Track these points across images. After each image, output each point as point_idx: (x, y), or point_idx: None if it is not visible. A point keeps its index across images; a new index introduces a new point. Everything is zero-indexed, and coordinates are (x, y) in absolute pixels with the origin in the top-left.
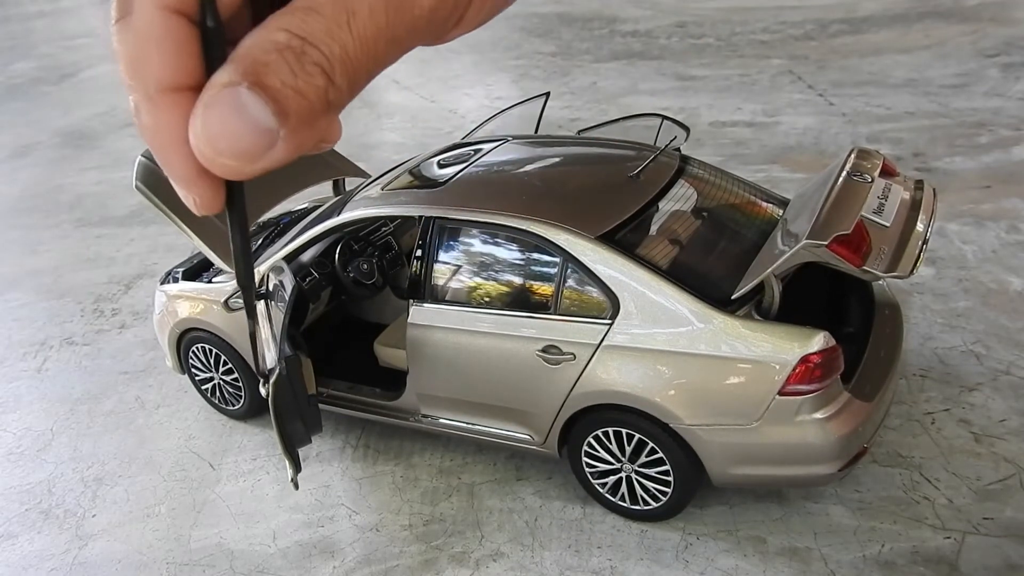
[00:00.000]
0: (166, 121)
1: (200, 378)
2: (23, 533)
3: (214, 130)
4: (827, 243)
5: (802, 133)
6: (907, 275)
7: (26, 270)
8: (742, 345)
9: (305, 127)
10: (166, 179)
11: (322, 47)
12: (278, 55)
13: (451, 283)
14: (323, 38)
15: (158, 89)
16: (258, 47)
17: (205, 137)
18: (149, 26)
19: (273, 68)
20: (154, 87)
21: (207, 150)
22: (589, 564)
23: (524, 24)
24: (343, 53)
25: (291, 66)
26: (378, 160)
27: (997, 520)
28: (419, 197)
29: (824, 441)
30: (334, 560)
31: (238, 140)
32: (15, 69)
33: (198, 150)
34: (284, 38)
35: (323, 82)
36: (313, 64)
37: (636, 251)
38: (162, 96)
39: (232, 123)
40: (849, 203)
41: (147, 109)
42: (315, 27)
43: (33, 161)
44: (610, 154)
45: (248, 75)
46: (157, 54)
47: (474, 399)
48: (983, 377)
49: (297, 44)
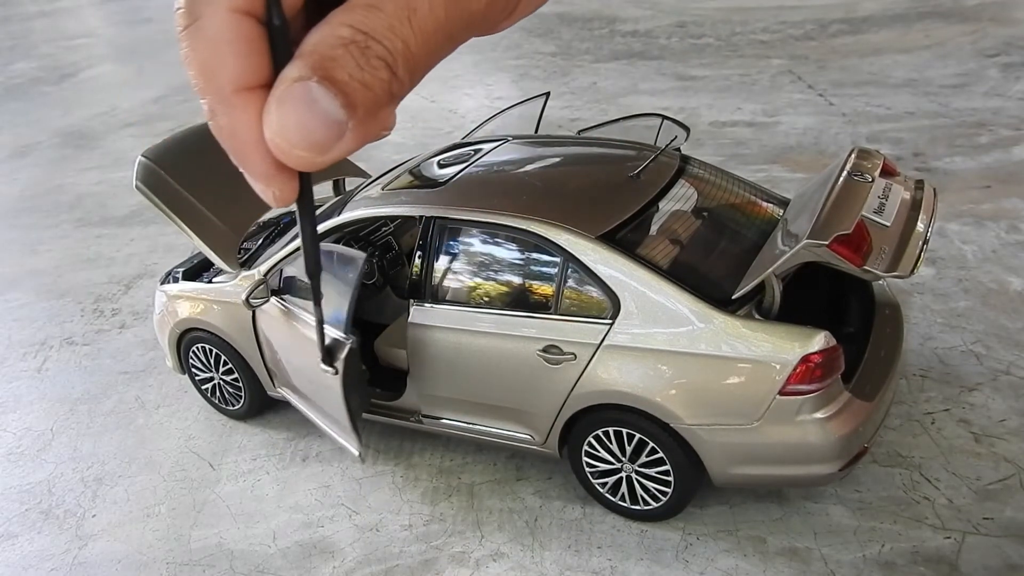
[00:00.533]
0: (243, 120)
1: (200, 378)
2: (23, 533)
3: (289, 124)
4: (828, 243)
5: (802, 133)
6: (908, 275)
7: (26, 270)
8: (743, 345)
9: (370, 118)
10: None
11: (385, 42)
12: (344, 50)
13: (452, 283)
14: (386, 33)
15: (233, 90)
16: (325, 43)
17: (281, 131)
18: (221, 29)
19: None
20: (229, 88)
21: (283, 143)
22: (589, 564)
23: (524, 24)
24: (404, 48)
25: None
26: (378, 160)
27: (997, 520)
28: (419, 197)
29: (825, 441)
30: (334, 560)
31: (311, 132)
32: (15, 69)
33: (274, 144)
34: (348, 33)
35: (387, 75)
36: (377, 58)
37: (637, 251)
38: (237, 96)
39: (304, 116)
40: (850, 203)
41: (223, 111)
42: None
43: (33, 161)
44: (610, 154)
45: (317, 70)
46: (231, 56)
47: (475, 399)
48: (983, 377)
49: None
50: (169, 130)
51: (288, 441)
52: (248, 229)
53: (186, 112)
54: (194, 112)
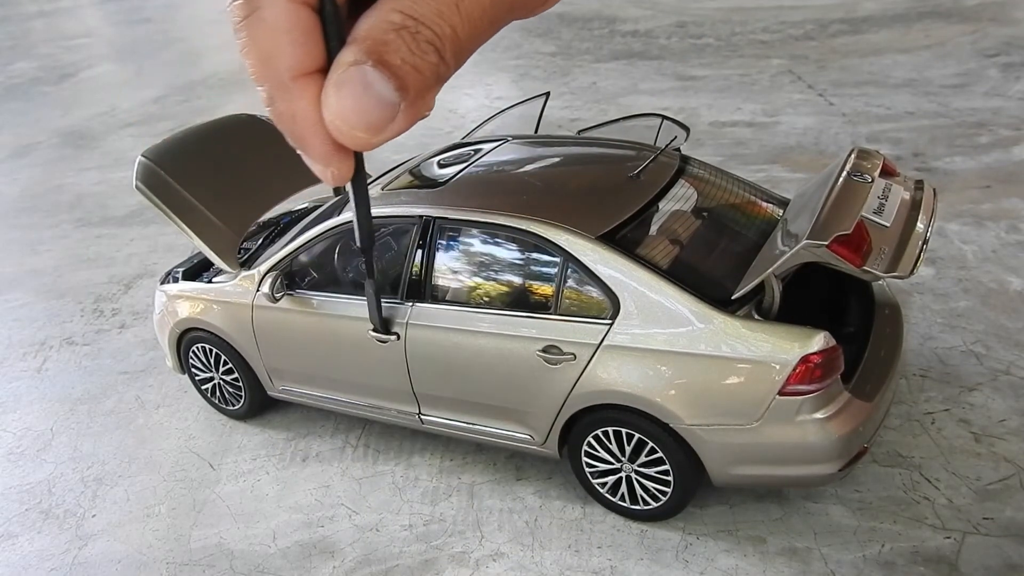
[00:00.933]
0: (301, 105)
1: (200, 378)
2: (23, 533)
3: (346, 106)
4: (827, 243)
5: (802, 133)
6: (907, 275)
7: (26, 270)
8: (742, 345)
9: (420, 100)
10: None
11: (434, 27)
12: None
13: (451, 283)
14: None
15: (291, 76)
16: (378, 28)
17: (339, 113)
18: (280, 18)
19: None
20: (288, 75)
21: (342, 125)
22: (589, 564)
23: (524, 24)
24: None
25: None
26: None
27: (997, 520)
28: (419, 197)
29: (824, 441)
30: (334, 560)
31: (367, 114)
32: (15, 69)
33: (333, 125)
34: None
35: (436, 59)
36: (427, 43)
37: (636, 251)
38: (295, 82)
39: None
40: (849, 203)
41: (282, 97)
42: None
43: (33, 161)
44: (610, 154)
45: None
46: (289, 44)
47: (474, 399)
48: (983, 377)
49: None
50: (169, 130)
51: (288, 441)
52: (248, 229)
53: (186, 112)
54: (194, 112)
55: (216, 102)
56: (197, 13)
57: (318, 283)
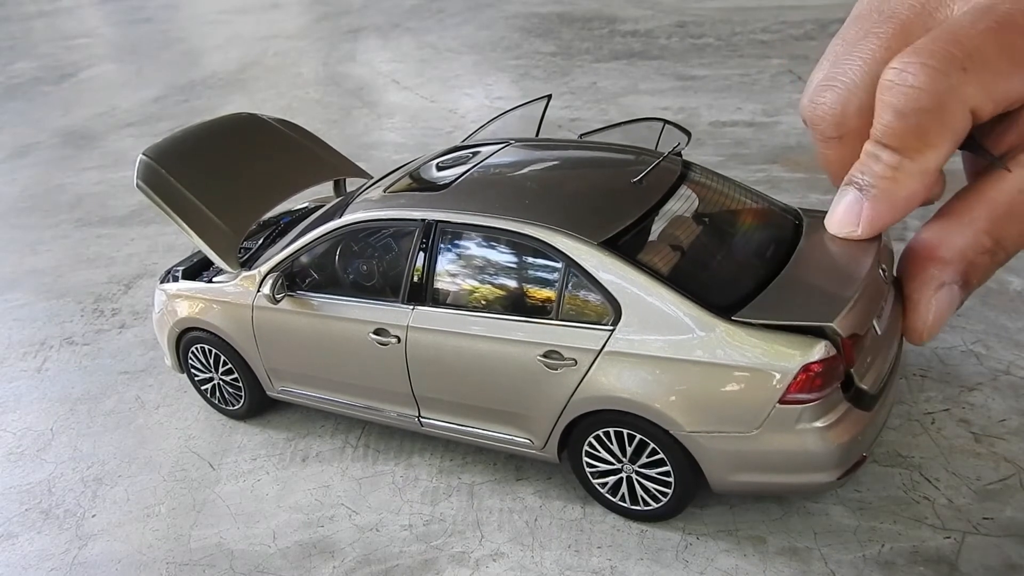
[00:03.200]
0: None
1: (200, 378)
2: (23, 533)
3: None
4: (845, 335)
5: (802, 133)
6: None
7: (26, 270)
8: (743, 353)
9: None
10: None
11: (1011, 250)
12: (982, 258)
13: (452, 287)
14: (1017, 241)
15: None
16: (971, 250)
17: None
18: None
19: (976, 272)
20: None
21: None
22: (589, 564)
23: (524, 24)
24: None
25: (987, 269)
26: (378, 160)
27: (997, 520)
28: (421, 200)
29: (824, 450)
30: (334, 560)
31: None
32: (15, 69)
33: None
34: (989, 244)
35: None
36: (1000, 263)
37: (638, 257)
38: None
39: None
40: (874, 300)
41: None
42: (1012, 232)
43: (33, 161)
44: (612, 159)
45: (960, 277)
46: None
47: (474, 403)
48: (983, 377)
49: (993, 246)
50: (169, 130)
51: (288, 441)
52: (248, 229)
53: (186, 112)
54: (194, 112)
55: (216, 102)
56: (197, 13)
57: (319, 284)
